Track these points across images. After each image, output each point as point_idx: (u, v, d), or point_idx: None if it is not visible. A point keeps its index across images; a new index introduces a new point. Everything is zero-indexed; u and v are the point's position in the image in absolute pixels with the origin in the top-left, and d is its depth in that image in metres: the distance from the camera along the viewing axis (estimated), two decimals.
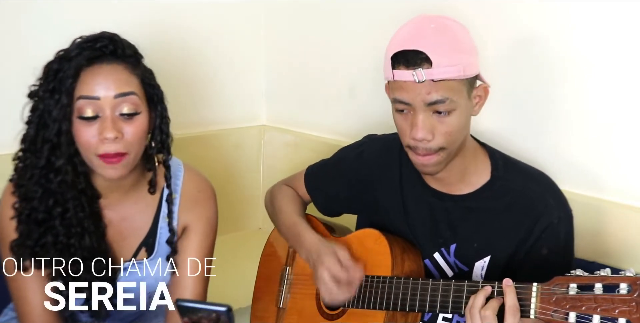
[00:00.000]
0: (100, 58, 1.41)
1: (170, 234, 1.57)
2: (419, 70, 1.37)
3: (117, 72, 1.42)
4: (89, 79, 1.40)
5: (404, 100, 1.41)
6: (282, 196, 1.81)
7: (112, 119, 1.40)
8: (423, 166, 1.47)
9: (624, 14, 1.70)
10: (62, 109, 1.39)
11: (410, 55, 1.38)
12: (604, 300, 1.18)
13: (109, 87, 1.40)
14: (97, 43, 1.41)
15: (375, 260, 1.57)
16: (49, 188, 1.44)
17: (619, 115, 1.75)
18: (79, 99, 1.39)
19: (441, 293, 1.42)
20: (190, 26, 2.48)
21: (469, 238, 1.54)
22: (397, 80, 1.41)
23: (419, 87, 1.38)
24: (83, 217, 1.47)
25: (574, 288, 1.22)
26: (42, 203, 1.45)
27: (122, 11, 2.25)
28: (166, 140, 1.51)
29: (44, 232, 1.46)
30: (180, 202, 1.59)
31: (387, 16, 2.19)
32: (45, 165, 1.43)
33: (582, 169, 1.82)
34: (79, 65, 1.39)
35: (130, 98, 1.41)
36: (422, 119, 1.40)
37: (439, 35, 1.40)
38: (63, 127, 1.40)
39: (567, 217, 1.52)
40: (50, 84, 1.40)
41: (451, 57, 1.38)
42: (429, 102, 1.39)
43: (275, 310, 1.77)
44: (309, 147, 2.53)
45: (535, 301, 1.27)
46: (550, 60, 1.85)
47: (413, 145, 1.44)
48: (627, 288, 1.17)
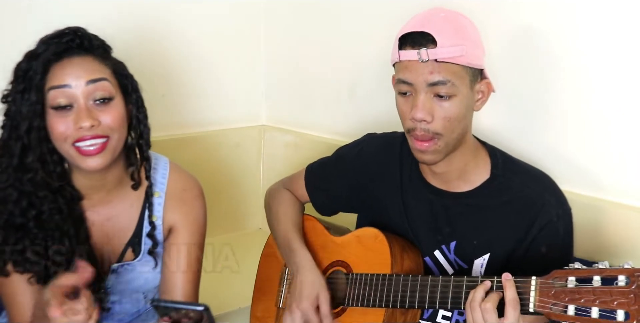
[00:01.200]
0: (69, 51, 1.39)
1: (150, 227, 1.54)
2: (423, 50, 1.40)
3: (87, 62, 1.40)
4: (58, 71, 1.38)
5: (407, 80, 1.43)
6: (280, 202, 1.81)
7: (87, 107, 1.37)
8: (421, 153, 1.48)
9: (624, 13, 1.70)
10: (32, 105, 1.37)
11: (416, 37, 1.41)
12: (602, 293, 1.18)
13: (80, 75, 1.37)
14: (62, 38, 1.40)
15: (375, 258, 1.57)
16: (22, 190, 1.41)
17: (618, 115, 1.75)
18: (49, 89, 1.37)
19: (440, 289, 1.42)
20: (190, 26, 2.48)
21: (469, 236, 1.54)
22: (402, 61, 1.43)
23: (422, 66, 1.41)
24: (60, 220, 1.44)
25: (572, 281, 1.22)
26: (17, 207, 1.42)
27: (122, 12, 2.26)
28: (145, 131, 1.48)
29: (20, 237, 1.43)
30: (166, 201, 1.57)
31: (387, 16, 2.20)
32: (17, 165, 1.40)
33: (581, 169, 1.82)
34: (47, 61, 1.37)
35: (102, 84, 1.39)
36: (422, 99, 1.42)
37: (448, 22, 1.43)
38: (34, 123, 1.37)
39: (566, 214, 1.53)
40: (20, 84, 1.39)
41: (455, 40, 1.41)
42: (430, 82, 1.41)
43: (275, 310, 1.77)
44: (309, 147, 2.53)
45: (534, 294, 1.27)
46: (550, 61, 1.85)
47: (412, 126, 1.45)
48: (625, 280, 1.17)
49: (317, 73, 2.54)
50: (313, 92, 2.58)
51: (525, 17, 1.88)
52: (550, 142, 1.87)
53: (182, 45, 2.46)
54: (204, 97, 2.58)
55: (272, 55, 2.69)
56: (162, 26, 2.37)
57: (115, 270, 1.53)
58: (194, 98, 2.55)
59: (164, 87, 2.43)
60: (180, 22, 2.45)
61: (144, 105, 1.49)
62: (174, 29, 2.43)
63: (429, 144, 1.45)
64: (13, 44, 1.41)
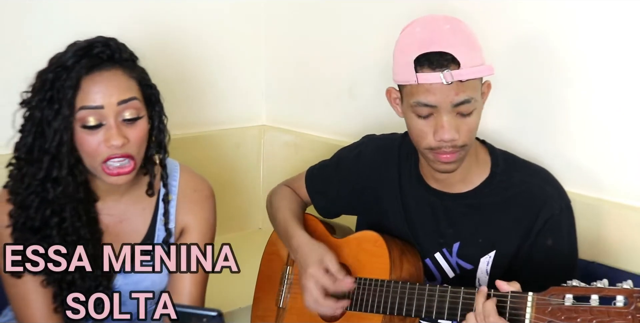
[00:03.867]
0: (99, 65, 1.40)
1: (166, 234, 1.56)
2: (447, 72, 1.36)
3: (117, 78, 1.41)
4: (89, 88, 1.38)
5: (430, 103, 1.39)
6: (282, 197, 1.81)
7: (117, 125, 1.39)
8: (447, 164, 1.46)
9: (625, 15, 1.70)
10: (64, 119, 1.37)
11: (435, 57, 1.37)
12: (599, 312, 1.16)
13: (111, 95, 1.39)
14: (93, 49, 1.40)
15: (374, 263, 1.57)
16: (46, 198, 1.43)
17: (618, 116, 1.75)
18: (80, 109, 1.38)
19: (437, 300, 1.42)
20: (190, 26, 2.48)
21: (473, 235, 1.54)
22: (422, 83, 1.39)
23: (446, 88, 1.37)
24: (79, 226, 1.46)
25: (569, 299, 1.21)
26: (38, 213, 1.44)
27: (122, 12, 2.25)
28: (163, 140, 1.51)
29: (39, 239, 1.44)
30: (177, 203, 1.58)
31: (387, 16, 2.20)
32: (44, 176, 1.41)
33: (582, 169, 1.82)
34: (79, 76, 1.38)
35: (132, 103, 1.41)
36: (448, 120, 1.39)
37: (457, 35, 1.40)
38: (64, 137, 1.38)
39: (568, 207, 1.53)
40: (47, 93, 1.38)
41: (474, 57, 1.38)
42: (456, 102, 1.38)
43: (276, 310, 1.77)
44: (309, 147, 2.53)
45: (530, 311, 1.26)
46: (552, 62, 1.85)
47: (437, 146, 1.43)
48: (623, 300, 1.16)
49: (317, 73, 2.54)
50: (313, 92, 2.57)
51: (528, 19, 1.88)
52: (551, 142, 1.87)
53: (182, 45, 2.46)
54: (204, 97, 2.58)
55: (272, 55, 2.68)
56: (161, 26, 2.37)
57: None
58: (194, 98, 2.54)
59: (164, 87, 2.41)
60: (180, 22, 2.44)
61: (165, 114, 1.51)
62: (174, 29, 2.42)
63: (453, 155, 1.44)
64: (27, 49, 1.40)
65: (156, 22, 2.35)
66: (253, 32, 2.67)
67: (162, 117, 1.50)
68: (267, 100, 2.75)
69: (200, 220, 1.60)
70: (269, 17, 2.65)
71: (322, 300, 1.53)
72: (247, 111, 2.72)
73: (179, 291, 1.56)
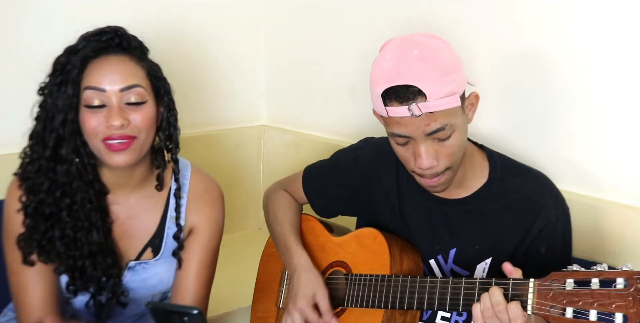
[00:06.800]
0: (107, 49, 1.43)
1: (177, 229, 1.56)
2: (413, 105, 1.33)
3: (123, 63, 1.43)
4: (95, 69, 1.41)
5: (403, 134, 1.39)
6: (279, 204, 1.80)
7: (119, 107, 1.41)
8: (432, 188, 1.47)
9: (621, 17, 1.70)
10: (68, 98, 1.40)
11: (401, 91, 1.34)
12: (600, 295, 1.18)
13: (115, 80, 1.41)
14: (103, 36, 1.43)
15: (374, 259, 1.57)
16: (55, 179, 1.44)
17: (616, 116, 1.75)
18: (85, 89, 1.40)
19: (439, 291, 1.42)
20: (190, 26, 2.48)
21: (470, 241, 1.54)
22: (392, 117, 1.38)
23: (416, 120, 1.35)
24: (91, 210, 1.47)
25: (570, 283, 1.22)
26: (49, 196, 1.45)
27: (121, 11, 2.25)
28: (174, 134, 1.51)
29: (51, 225, 1.46)
30: (188, 202, 1.59)
31: (387, 17, 2.20)
32: (51, 155, 1.43)
33: (581, 169, 1.82)
34: (85, 57, 1.41)
35: (136, 90, 1.42)
36: (424, 148, 1.38)
37: (425, 62, 1.35)
38: (69, 116, 1.41)
39: (565, 215, 1.52)
40: (58, 77, 1.42)
41: (443, 86, 1.34)
42: (429, 132, 1.37)
43: (276, 310, 1.77)
44: (309, 147, 2.53)
45: (532, 297, 1.26)
46: (550, 63, 1.85)
47: (419, 172, 1.43)
48: (623, 283, 1.17)
49: (317, 73, 2.54)
50: (313, 92, 2.58)
51: (525, 22, 1.88)
52: (550, 142, 1.87)
53: (182, 45, 2.46)
54: (204, 97, 2.58)
55: (272, 55, 2.69)
56: (161, 26, 2.37)
57: (133, 267, 1.55)
58: (194, 98, 2.54)
59: None
60: (180, 22, 2.45)
61: (175, 108, 1.52)
62: (174, 29, 2.43)
63: (438, 179, 1.44)
64: (38, 43, 1.42)
65: (156, 22, 2.35)
66: (253, 32, 2.67)
67: (172, 110, 1.51)
68: (267, 100, 2.75)
69: (211, 220, 1.61)
70: (269, 17, 2.66)
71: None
72: (247, 111, 2.73)
73: (184, 291, 1.57)
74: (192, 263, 1.58)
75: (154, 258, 1.56)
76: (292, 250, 1.67)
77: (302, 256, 1.65)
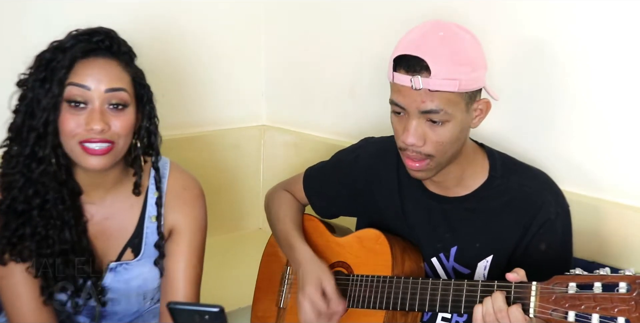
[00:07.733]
0: (96, 51, 1.41)
1: (158, 238, 1.55)
2: (416, 78, 1.36)
3: (110, 67, 1.42)
4: (81, 69, 1.39)
5: (399, 103, 1.41)
6: (280, 203, 1.81)
7: (101, 110, 1.39)
8: (413, 172, 1.48)
9: (623, 16, 1.70)
10: (53, 98, 1.38)
11: (411, 61, 1.37)
12: (603, 299, 1.18)
13: (101, 80, 1.39)
14: (93, 37, 1.42)
15: (376, 260, 1.57)
16: (30, 177, 1.43)
17: (617, 116, 1.75)
18: (69, 85, 1.39)
19: (441, 293, 1.42)
20: (190, 26, 2.48)
21: (471, 239, 1.54)
22: (396, 83, 1.41)
23: (414, 94, 1.38)
24: (63, 210, 1.45)
25: (573, 287, 1.22)
26: (21, 193, 1.43)
27: (121, 11, 2.25)
28: (155, 142, 1.50)
29: (22, 223, 1.44)
30: (166, 201, 1.57)
31: (387, 17, 2.20)
32: (29, 154, 1.41)
33: (581, 169, 1.82)
34: (74, 57, 1.39)
35: (120, 94, 1.41)
36: (414, 125, 1.40)
37: (445, 45, 1.38)
38: (51, 116, 1.39)
39: (565, 212, 1.53)
40: (41, 73, 1.40)
41: (450, 70, 1.36)
42: (422, 110, 1.39)
43: (276, 310, 1.77)
44: (309, 147, 2.53)
45: (534, 300, 1.27)
46: (550, 63, 1.85)
47: (403, 147, 1.45)
48: (626, 287, 1.17)
49: (317, 73, 2.54)
50: (313, 92, 2.58)
51: (527, 22, 1.88)
52: (550, 142, 1.87)
53: (182, 45, 2.46)
54: (204, 97, 2.58)
55: (272, 55, 2.69)
56: (161, 26, 2.37)
57: (114, 268, 1.54)
58: (194, 98, 2.55)
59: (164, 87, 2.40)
60: (180, 22, 2.45)
61: (157, 116, 1.51)
62: (174, 28, 2.43)
63: (420, 164, 1.45)
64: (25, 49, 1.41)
65: (156, 22, 2.35)
66: (253, 32, 2.67)
67: (153, 118, 1.49)
68: (267, 100, 2.75)
69: (191, 219, 1.59)
70: (269, 17, 2.66)
71: (315, 321, 1.55)
72: (247, 111, 2.73)
73: (174, 290, 1.56)
74: (179, 264, 1.57)
75: (135, 259, 1.55)
76: (295, 246, 1.67)
77: (306, 251, 1.65)
